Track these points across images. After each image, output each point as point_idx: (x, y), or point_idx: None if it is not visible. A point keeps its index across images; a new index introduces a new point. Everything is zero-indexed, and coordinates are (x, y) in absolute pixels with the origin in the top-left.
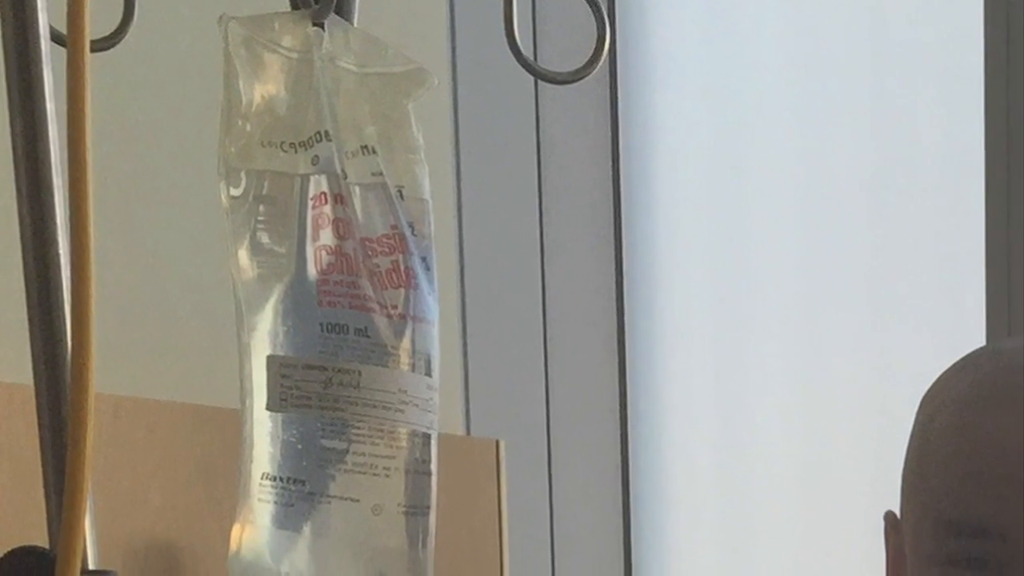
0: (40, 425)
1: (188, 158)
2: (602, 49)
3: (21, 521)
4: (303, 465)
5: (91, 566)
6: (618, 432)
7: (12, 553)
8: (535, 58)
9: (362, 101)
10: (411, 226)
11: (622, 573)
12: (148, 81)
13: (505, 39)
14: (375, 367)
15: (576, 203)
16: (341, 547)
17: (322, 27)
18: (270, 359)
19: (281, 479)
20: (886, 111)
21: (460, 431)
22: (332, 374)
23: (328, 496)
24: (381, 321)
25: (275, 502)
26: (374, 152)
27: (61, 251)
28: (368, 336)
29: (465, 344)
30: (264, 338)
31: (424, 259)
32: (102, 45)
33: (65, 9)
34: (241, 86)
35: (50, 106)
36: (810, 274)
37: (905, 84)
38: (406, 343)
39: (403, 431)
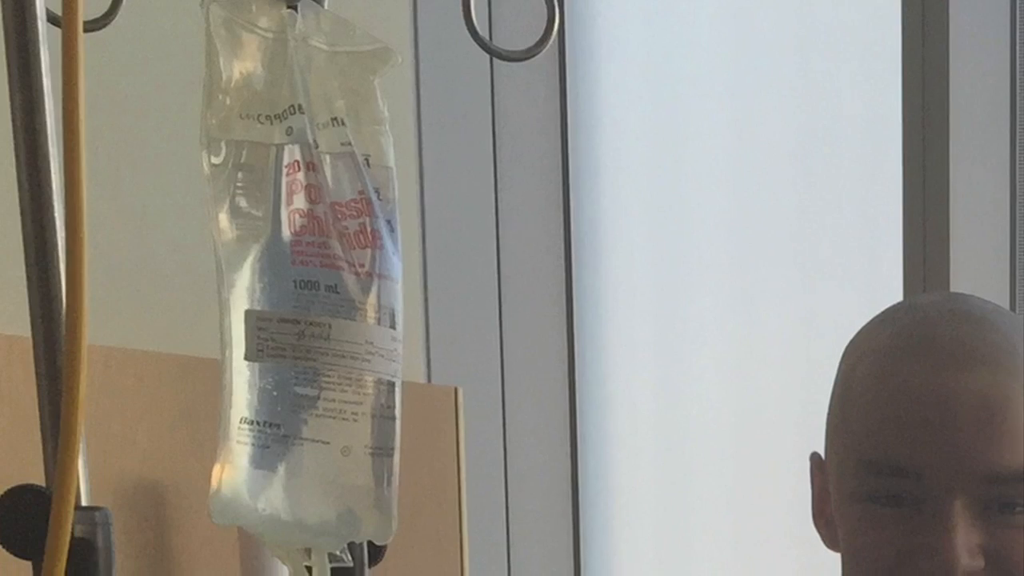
0: (37, 374)
1: (173, 129)
2: (552, 29)
3: (20, 461)
4: (278, 410)
5: (84, 503)
6: (566, 379)
7: (12, 491)
8: (490, 38)
9: (332, 77)
10: (377, 191)
11: (570, 507)
12: (136, 59)
13: (463, 20)
14: (344, 320)
15: (528, 170)
16: (313, 485)
17: (295, 9)
18: (248, 313)
19: (258, 423)
20: (811, 85)
21: (422, 379)
22: (304, 327)
23: (301, 438)
24: (349, 278)
25: (252, 444)
26: (343, 124)
27: (56, 214)
28: (338, 292)
29: (426, 300)
30: (242, 294)
31: (389, 222)
32: (94, 26)
33: None
34: (221, 63)
35: (46, 82)
36: (741, 235)
37: (828, 60)
38: (372, 299)
39: (370, 379)
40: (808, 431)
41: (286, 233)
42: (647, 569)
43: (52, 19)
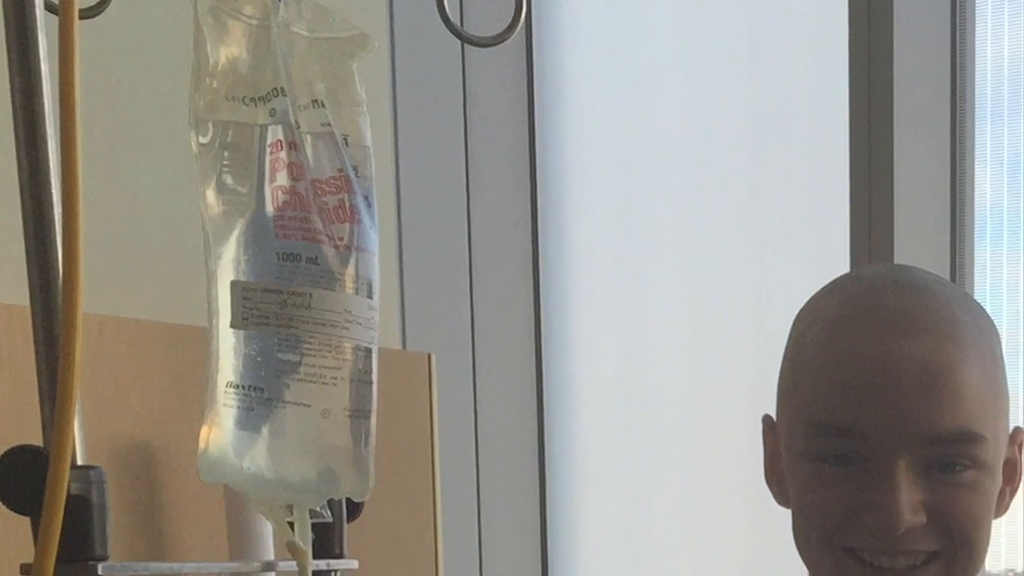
0: (35, 341)
1: (163, 110)
2: (519, 17)
3: (19, 423)
4: (262, 375)
5: (79, 462)
6: (533, 346)
7: (12, 451)
8: (461, 25)
9: (312, 61)
10: (355, 169)
11: (536, 464)
12: (128, 45)
13: (436, 8)
14: (324, 291)
15: (496, 148)
16: (294, 445)
17: None
18: (233, 284)
19: (243, 387)
20: (762, 70)
21: (397, 346)
22: (287, 296)
23: (283, 402)
24: (329, 251)
25: (237, 407)
26: (323, 105)
27: (54, 191)
28: (318, 264)
29: (401, 271)
30: (228, 266)
31: (366, 197)
32: (89, 13)
33: None
34: (208, 49)
35: (44, 66)
36: (698, 211)
37: (779, 46)
38: (351, 270)
39: (348, 346)
40: (760, 394)
41: (269, 208)
42: (608, 521)
43: (50, 7)
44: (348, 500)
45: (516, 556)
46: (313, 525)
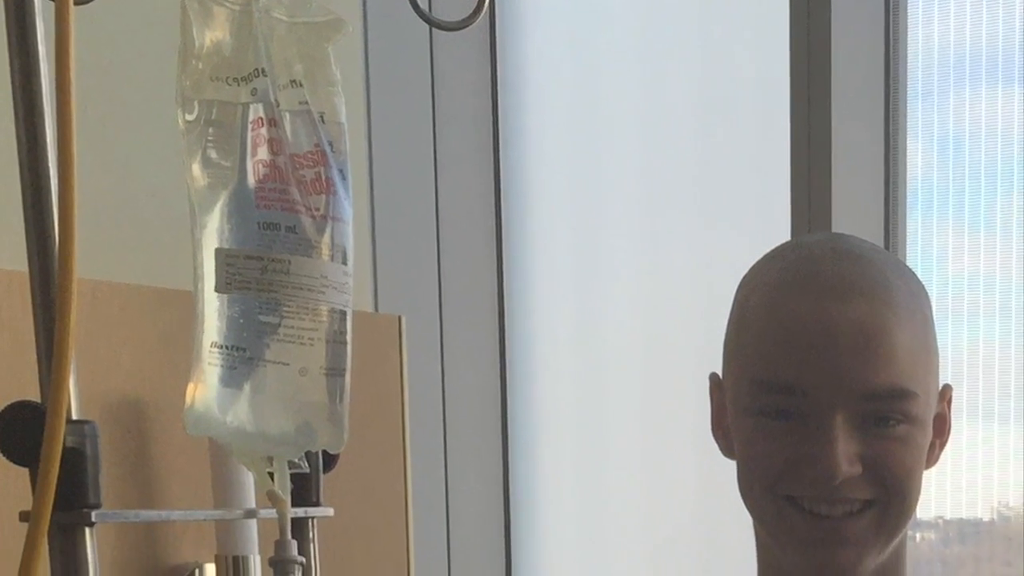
0: (33, 303)
1: (152, 90)
2: (483, 3)
3: (19, 381)
4: (244, 336)
5: (74, 416)
6: (496, 308)
7: (11, 407)
8: (430, 10)
9: (291, 44)
10: (331, 144)
11: (499, 419)
12: (120, 29)
13: None
14: (302, 257)
15: (462, 125)
16: (274, 401)
17: None
18: (217, 251)
19: (226, 347)
20: (710, 52)
21: (369, 309)
22: (267, 263)
23: (264, 360)
24: (307, 220)
25: (221, 365)
26: (301, 85)
27: (50, 164)
28: (296, 232)
29: (374, 239)
30: (213, 234)
31: (341, 171)
32: (83, 0)
33: None
34: (194, 32)
35: (42, 49)
36: (651, 182)
37: (725, 30)
38: (327, 238)
39: (324, 308)
40: (707, 354)
41: (251, 181)
42: (567, 470)
43: None
44: (324, 452)
45: (480, 500)
46: (291, 475)
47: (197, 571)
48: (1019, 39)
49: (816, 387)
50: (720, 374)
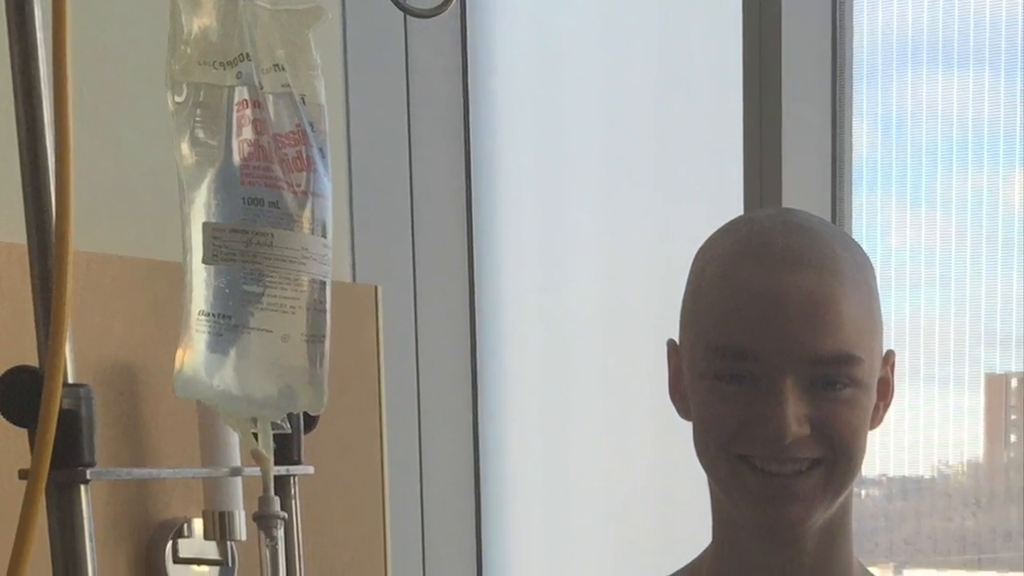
0: (31, 274)
1: (143, 73)
2: None
3: (18, 347)
4: (229, 304)
5: (70, 380)
6: (466, 279)
7: (11, 371)
8: None
9: (274, 31)
10: (311, 124)
11: (469, 383)
12: (113, 16)
13: None
14: (284, 231)
15: (435, 107)
16: (258, 366)
17: None
18: (205, 225)
19: (213, 315)
20: (668, 38)
21: (347, 279)
22: (251, 236)
23: (248, 328)
24: (288, 196)
25: (208, 332)
26: (283, 69)
27: (48, 143)
28: (279, 207)
29: (352, 213)
30: (200, 209)
31: (321, 149)
32: None
33: None
34: (183, 19)
35: (40, 35)
36: (611, 159)
37: (682, 18)
38: (307, 213)
39: (305, 279)
40: (665, 321)
41: (236, 159)
42: (533, 429)
43: None
44: (305, 413)
45: (451, 458)
46: (274, 435)
47: (185, 526)
48: (958, 26)
49: (767, 352)
50: (677, 340)
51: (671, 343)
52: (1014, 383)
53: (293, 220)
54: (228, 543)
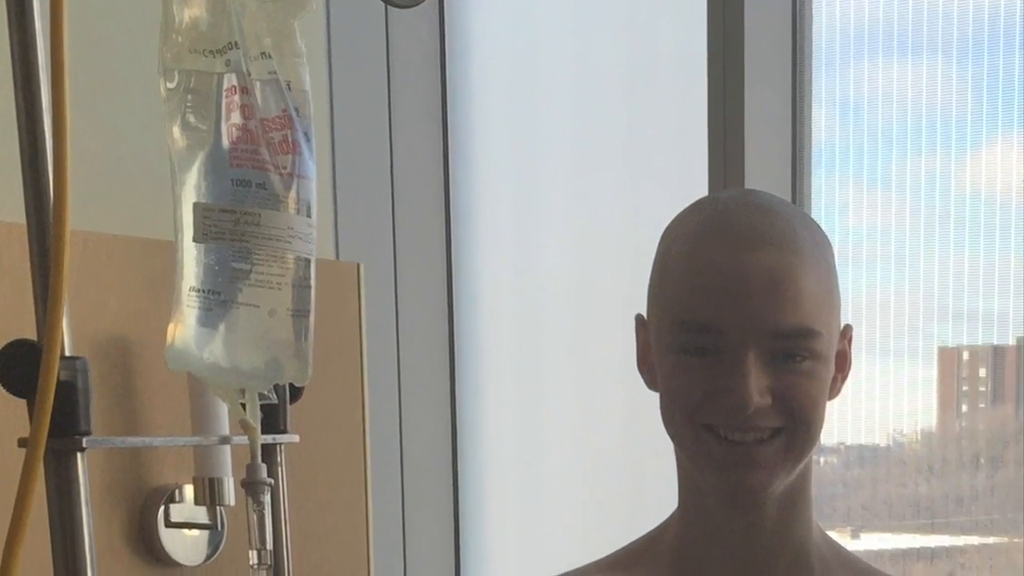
0: (31, 252)
1: (136, 61)
2: None
3: (18, 321)
4: (219, 281)
5: (67, 353)
6: (444, 258)
7: (10, 344)
8: None
9: (261, 20)
10: (296, 110)
11: (447, 354)
12: (108, 5)
13: None
14: (271, 211)
15: (414, 93)
16: (246, 339)
17: None
18: (195, 205)
19: (203, 291)
20: (636, 27)
21: (331, 256)
22: (240, 215)
23: (237, 303)
24: (275, 178)
25: (199, 307)
26: (270, 57)
27: (46, 127)
28: (266, 189)
29: (335, 194)
30: (191, 190)
31: (306, 133)
32: None
33: None
34: (174, 9)
35: (38, 24)
36: (582, 143)
37: (649, 8)
38: (293, 194)
39: (291, 256)
40: (634, 297)
41: (225, 142)
42: (508, 400)
43: None
44: (291, 385)
45: (430, 427)
46: (261, 405)
47: (177, 491)
48: (912, 16)
49: (731, 327)
50: (645, 315)
51: (639, 318)
52: (966, 356)
53: (279, 201)
54: (217, 508)
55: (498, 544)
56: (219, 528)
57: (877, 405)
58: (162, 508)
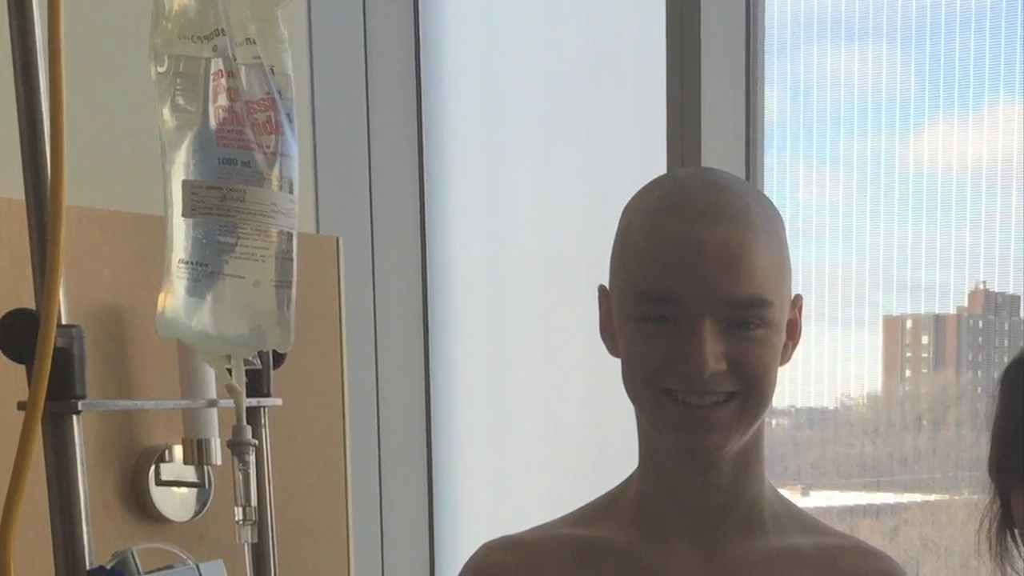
0: (29, 227)
1: (129, 46)
2: None
3: (17, 292)
4: (206, 253)
5: (63, 321)
6: (418, 231)
7: (10, 313)
8: None
9: (246, 8)
10: (279, 92)
11: (421, 321)
12: None
13: None
14: (255, 188)
15: (390, 74)
16: (232, 308)
17: None
18: (184, 182)
19: (191, 263)
20: (599, 15)
21: (312, 230)
22: (226, 192)
23: (223, 274)
24: (259, 157)
25: (187, 278)
26: (254, 43)
27: (43, 109)
28: (250, 167)
29: (316, 172)
30: (180, 168)
31: (288, 115)
32: None
33: None
34: None
35: (37, 12)
36: (549, 124)
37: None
38: (276, 171)
39: (274, 231)
40: (597, 269)
41: (212, 123)
42: (478, 364)
43: None
44: (274, 351)
45: (405, 390)
46: (246, 371)
47: (167, 452)
48: (859, 3)
49: (688, 296)
50: (607, 286)
51: (601, 288)
52: (909, 324)
53: (263, 178)
54: (205, 467)
55: (469, 501)
56: (206, 486)
57: (826, 370)
58: (153, 467)
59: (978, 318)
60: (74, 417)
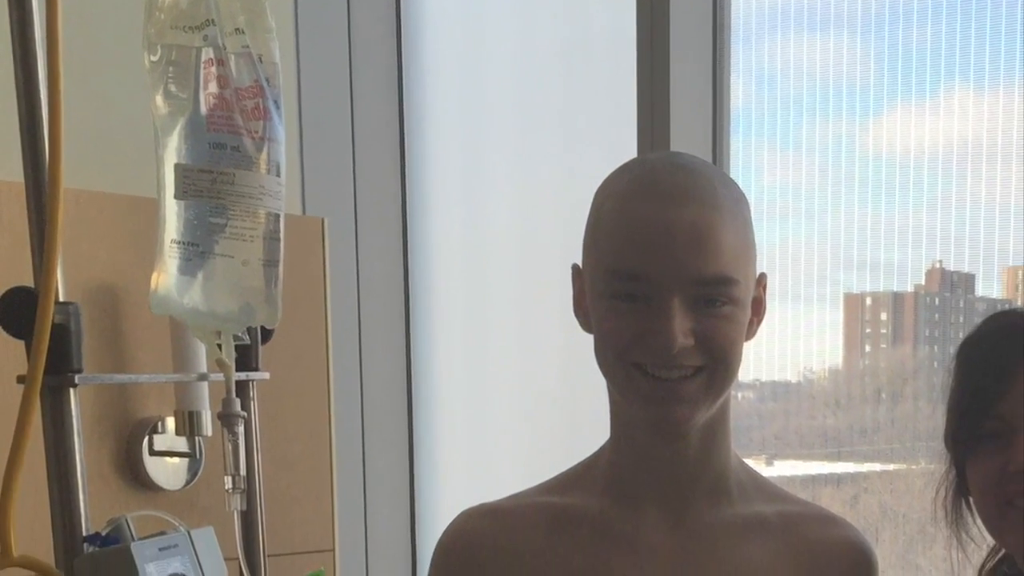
0: (28, 209)
1: (123, 35)
2: None
3: (17, 270)
4: (197, 234)
5: (61, 299)
6: (399, 211)
7: (10, 291)
8: None
9: None
10: (267, 80)
11: (402, 298)
12: None
13: None
14: (244, 171)
15: (373, 63)
16: (222, 286)
17: None
18: (176, 166)
19: (183, 243)
20: (573, 7)
21: (298, 212)
22: (216, 175)
23: (214, 254)
24: (248, 142)
25: (179, 258)
26: (243, 32)
27: (42, 96)
28: (239, 151)
29: (302, 156)
30: (172, 152)
31: (275, 101)
32: None
33: None
34: None
35: (35, 3)
36: (524, 110)
37: None
38: (264, 156)
39: (262, 212)
40: (570, 248)
41: (203, 109)
42: (457, 340)
43: None
44: (262, 327)
45: (387, 365)
46: (235, 346)
47: (160, 423)
48: None
49: (658, 275)
50: (580, 265)
51: (575, 267)
52: (869, 301)
53: (252, 162)
54: (196, 438)
55: (449, 471)
56: (197, 456)
57: (789, 346)
58: (146, 438)
59: (935, 296)
60: (71, 390)
